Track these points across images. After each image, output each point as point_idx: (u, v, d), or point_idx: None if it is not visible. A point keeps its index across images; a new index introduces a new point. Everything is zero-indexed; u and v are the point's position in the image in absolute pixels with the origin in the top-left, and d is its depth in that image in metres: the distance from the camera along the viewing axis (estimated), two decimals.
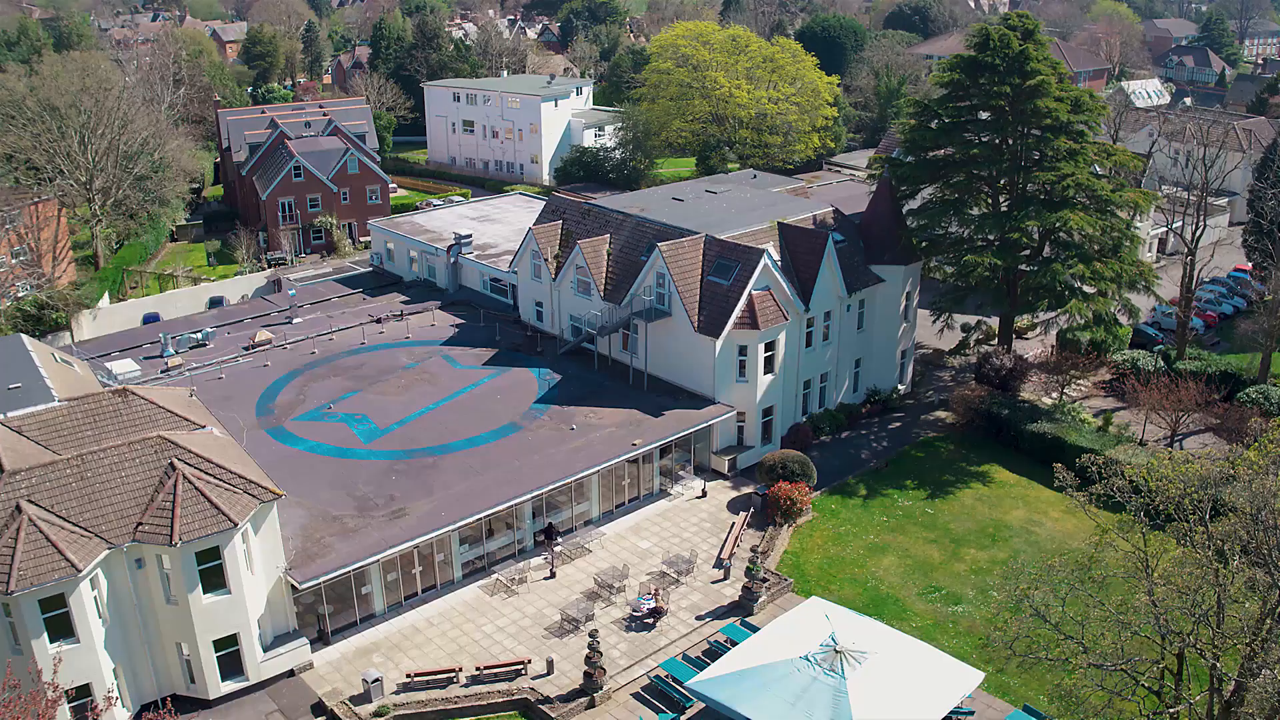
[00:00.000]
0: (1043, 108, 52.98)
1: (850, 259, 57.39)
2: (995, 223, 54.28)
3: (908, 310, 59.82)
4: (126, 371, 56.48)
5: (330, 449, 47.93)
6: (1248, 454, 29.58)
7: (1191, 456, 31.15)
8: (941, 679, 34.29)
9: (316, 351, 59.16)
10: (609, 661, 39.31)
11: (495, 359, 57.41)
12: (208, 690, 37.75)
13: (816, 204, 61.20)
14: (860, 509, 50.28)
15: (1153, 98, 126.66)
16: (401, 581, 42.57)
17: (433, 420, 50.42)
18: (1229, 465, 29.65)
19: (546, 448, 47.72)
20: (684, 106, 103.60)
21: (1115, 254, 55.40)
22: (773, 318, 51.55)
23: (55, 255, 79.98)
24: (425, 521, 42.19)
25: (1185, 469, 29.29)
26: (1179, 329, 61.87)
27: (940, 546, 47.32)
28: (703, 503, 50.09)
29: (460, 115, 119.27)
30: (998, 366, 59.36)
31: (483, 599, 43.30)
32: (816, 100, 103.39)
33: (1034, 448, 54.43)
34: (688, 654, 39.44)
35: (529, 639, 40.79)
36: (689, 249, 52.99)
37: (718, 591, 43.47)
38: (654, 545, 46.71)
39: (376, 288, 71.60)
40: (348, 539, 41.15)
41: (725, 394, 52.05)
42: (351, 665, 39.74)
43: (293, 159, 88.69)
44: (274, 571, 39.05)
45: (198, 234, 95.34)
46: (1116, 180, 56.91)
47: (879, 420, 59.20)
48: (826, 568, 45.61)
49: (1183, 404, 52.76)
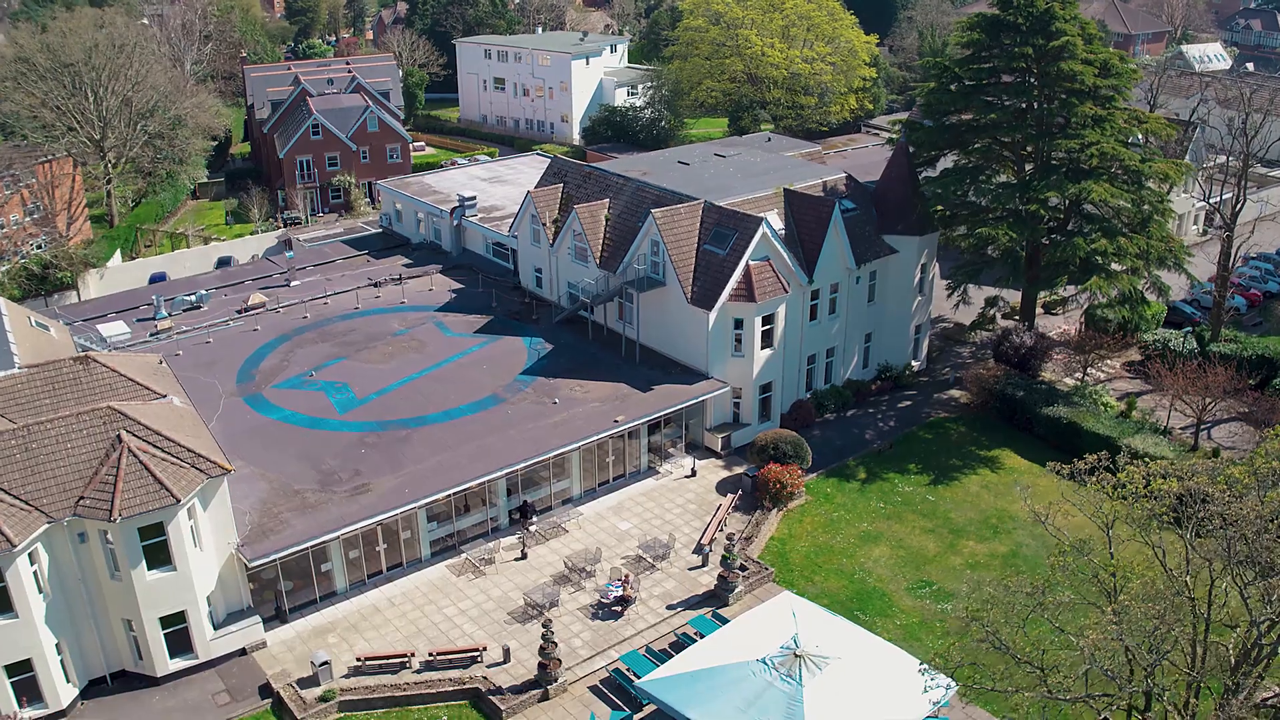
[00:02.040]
0: (1067, 70, 49.06)
1: (861, 228, 54.27)
2: (1012, 193, 50.65)
3: (923, 283, 56.57)
4: (117, 334, 55.71)
5: (304, 419, 46.56)
6: (1232, 470, 26.43)
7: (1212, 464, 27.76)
8: (910, 688, 31.81)
9: (308, 316, 57.82)
10: (570, 651, 37.57)
11: (488, 327, 55.52)
12: (155, 668, 36.80)
13: (830, 170, 57.94)
14: (857, 494, 47.68)
15: (1212, 62, 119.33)
16: (364, 559, 41.19)
17: (414, 390, 48.78)
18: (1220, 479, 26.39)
19: (526, 422, 45.82)
20: (716, 65, 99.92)
21: (1144, 228, 51.49)
22: (771, 290, 48.82)
23: (70, 213, 79.82)
24: (387, 499, 40.63)
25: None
26: (1214, 309, 57.76)
27: (937, 537, 44.61)
28: (691, 482, 47.91)
29: (491, 73, 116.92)
30: (1017, 345, 55.98)
31: (449, 579, 41.76)
32: (853, 60, 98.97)
33: (1049, 433, 51.26)
34: (651, 647, 37.50)
35: (490, 624, 39.17)
36: (685, 216, 50.35)
37: (694, 579, 41.38)
38: (634, 527, 44.72)
39: (382, 250, 70.02)
40: (306, 515, 39.76)
41: (719, 369, 49.59)
42: (306, 645, 38.53)
43: (310, 116, 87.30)
44: (225, 548, 37.86)
45: (218, 192, 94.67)
46: (1148, 150, 52.84)
47: (889, 398, 56.26)
48: (813, 556, 43.22)
49: (1210, 390, 49.07)
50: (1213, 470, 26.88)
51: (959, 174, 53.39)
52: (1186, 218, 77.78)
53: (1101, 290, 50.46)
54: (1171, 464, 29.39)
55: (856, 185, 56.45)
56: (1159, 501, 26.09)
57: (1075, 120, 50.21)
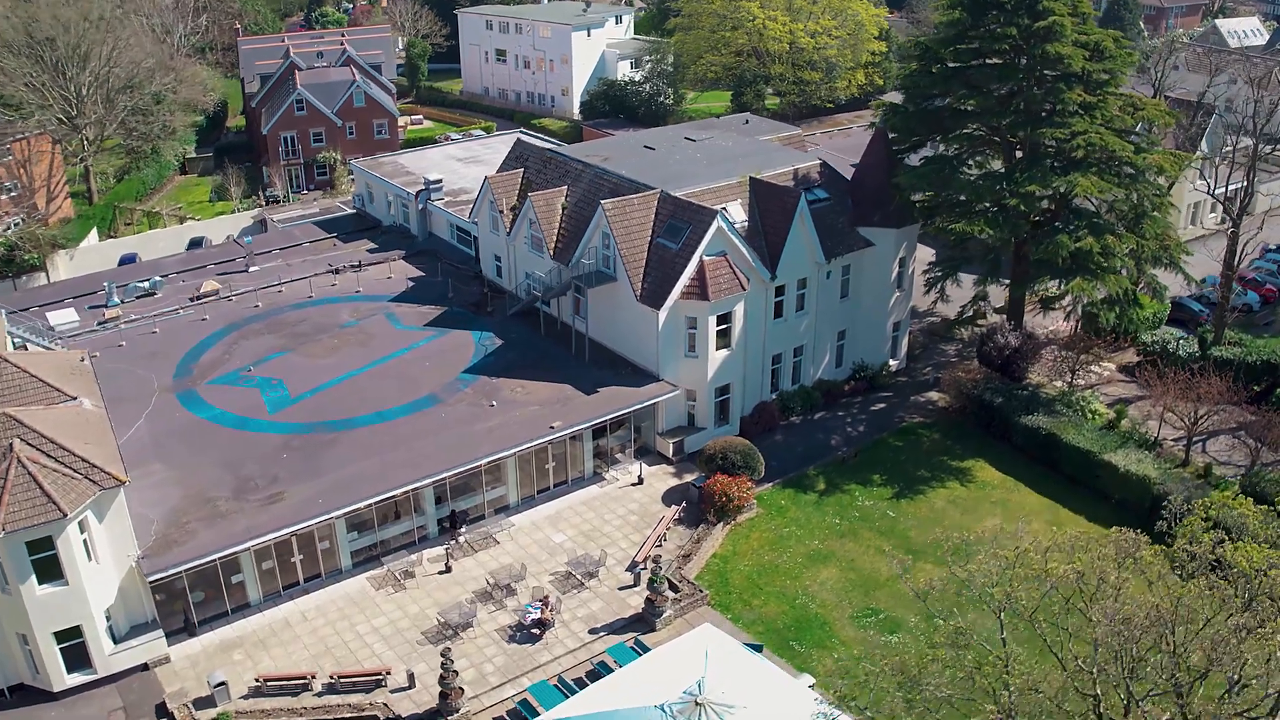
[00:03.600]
0: (1054, 53, 45.24)
1: (834, 220, 51.04)
2: (991, 186, 47.08)
3: (901, 278, 53.27)
4: (65, 323, 54.09)
5: (233, 418, 44.61)
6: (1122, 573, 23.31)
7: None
8: None
9: (260, 305, 55.82)
10: (479, 678, 35.45)
11: (440, 319, 53.15)
12: (51, 683, 35.26)
13: (804, 156, 54.59)
14: (813, 507, 44.89)
15: (1248, 37, 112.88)
16: (279, 570, 39.26)
17: (350, 388, 46.63)
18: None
19: (459, 426, 43.49)
20: (719, 39, 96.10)
21: (1138, 225, 47.73)
22: (727, 287, 45.89)
23: (50, 190, 78.46)
24: (300, 510, 38.57)
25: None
26: (1218, 309, 53.70)
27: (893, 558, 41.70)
28: (637, 491, 45.39)
29: (493, 44, 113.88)
30: (1001, 345, 52.53)
31: (368, 592, 39.73)
32: (861, 34, 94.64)
33: (1027, 443, 48.01)
34: (564, 677, 35.18)
35: (402, 644, 37.10)
36: (639, 207, 47.45)
37: (623, 600, 38.97)
38: (569, 539, 42.34)
39: (352, 233, 67.78)
40: (214, 526, 37.84)
41: (671, 370, 46.87)
42: (212, 661, 36.78)
43: (295, 92, 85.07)
44: (125, 560, 36.11)
45: (205, 167, 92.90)
46: (1147, 139, 48.96)
47: (862, 400, 53.21)
48: (756, 577, 40.59)
49: (1201, 399, 45.49)
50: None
51: (939, 163, 49.83)
52: (1204, 205, 73.26)
53: (1086, 292, 46.85)
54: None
55: (832, 174, 53.13)
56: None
57: (1062, 108, 46.46)
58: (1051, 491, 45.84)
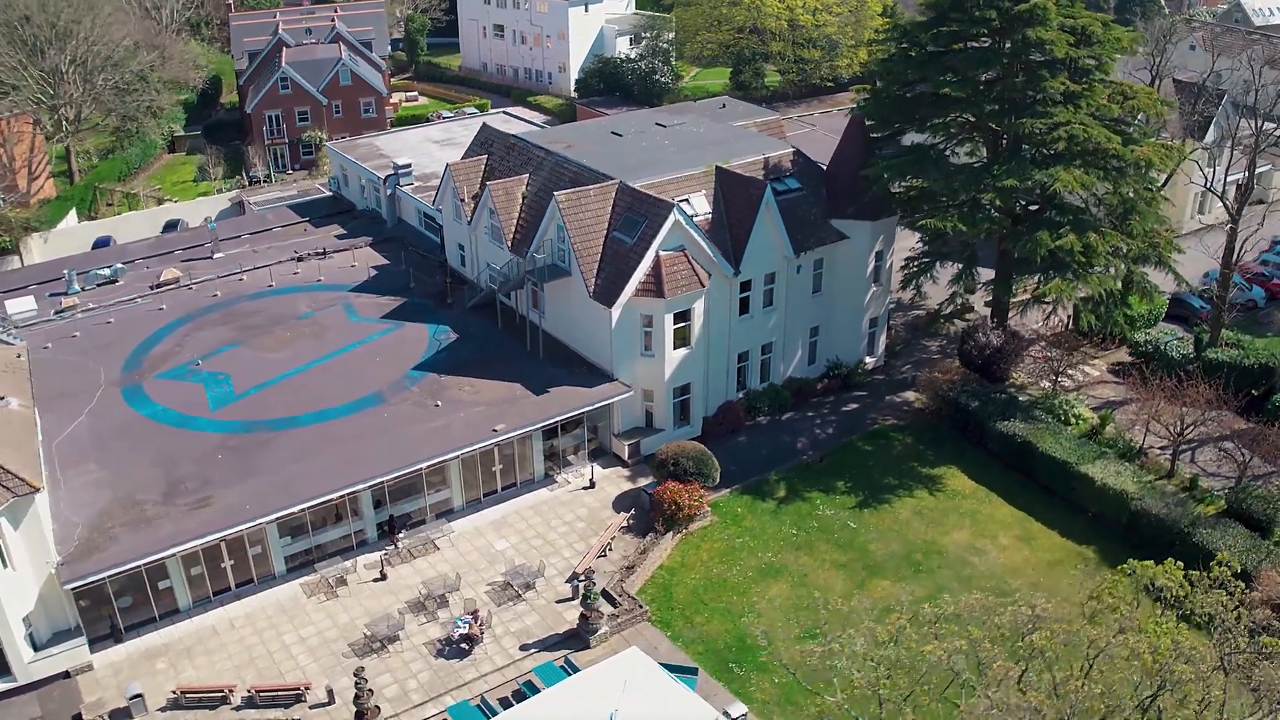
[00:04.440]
0: (1035, 38, 42.64)
1: (806, 211, 48.85)
2: (967, 179, 44.65)
3: (878, 272, 51.03)
4: (22, 311, 53.03)
5: (174, 416, 43.35)
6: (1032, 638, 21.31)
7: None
8: None
9: (219, 294, 54.48)
10: (401, 695, 34.15)
11: (398, 311, 51.57)
12: None
13: (778, 144, 52.24)
14: (770, 516, 43.05)
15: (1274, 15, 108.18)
16: (209, 576, 38.07)
17: (295, 385, 45.22)
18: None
19: (401, 427, 41.99)
20: (717, 14, 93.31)
21: (1125, 221, 45.19)
22: (685, 284, 43.94)
23: (31, 171, 77.53)
24: (229, 515, 37.29)
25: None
26: (1214, 309, 50.99)
27: (849, 574, 39.87)
28: (588, 495, 43.78)
29: (491, 19, 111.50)
30: (982, 345, 50.18)
31: (299, 600, 38.48)
32: (864, 11, 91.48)
33: (1002, 451, 45.84)
34: (487, 697, 33.76)
35: (328, 655, 35.85)
36: (595, 199, 45.47)
37: (559, 614, 37.46)
38: (511, 547, 40.85)
39: (324, 217, 66.26)
40: (139, 531, 36.65)
41: (626, 370, 45.07)
42: (135, 669, 35.71)
43: (279, 70, 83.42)
44: (44, 567, 35.03)
45: (193, 145, 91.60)
46: (1140, 129, 46.27)
47: (835, 399, 51.17)
48: (701, 592, 38.89)
49: (1189, 406, 43.07)
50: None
51: (915, 154, 47.42)
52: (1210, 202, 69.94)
53: (1064, 293, 44.43)
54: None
55: (806, 163, 50.84)
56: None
57: (1044, 96, 43.88)
58: (1025, 503, 43.66)
